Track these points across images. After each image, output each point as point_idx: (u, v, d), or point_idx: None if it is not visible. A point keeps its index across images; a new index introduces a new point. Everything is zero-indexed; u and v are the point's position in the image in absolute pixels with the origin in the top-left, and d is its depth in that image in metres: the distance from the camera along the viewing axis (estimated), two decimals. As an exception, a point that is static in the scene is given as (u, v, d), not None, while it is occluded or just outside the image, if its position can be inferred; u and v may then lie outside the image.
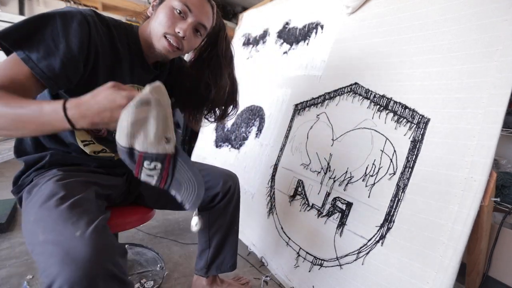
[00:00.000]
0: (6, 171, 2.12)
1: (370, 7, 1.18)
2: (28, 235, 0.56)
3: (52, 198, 0.58)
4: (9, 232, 1.33)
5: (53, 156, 0.73)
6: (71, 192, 0.62)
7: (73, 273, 0.45)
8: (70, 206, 0.56)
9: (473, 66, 0.81)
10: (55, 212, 0.55)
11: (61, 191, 0.61)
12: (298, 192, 1.21)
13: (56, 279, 0.45)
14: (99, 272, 0.47)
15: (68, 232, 0.50)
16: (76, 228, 0.50)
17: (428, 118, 0.87)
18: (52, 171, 0.71)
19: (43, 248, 0.50)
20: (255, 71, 1.77)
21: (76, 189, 0.65)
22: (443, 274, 0.72)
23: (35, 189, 0.66)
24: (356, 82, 1.12)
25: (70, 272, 0.45)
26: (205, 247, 1.00)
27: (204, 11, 0.75)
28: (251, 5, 2.30)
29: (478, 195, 0.71)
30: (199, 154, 2.05)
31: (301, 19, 1.55)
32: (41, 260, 0.50)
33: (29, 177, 0.73)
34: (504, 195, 1.18)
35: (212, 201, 0.93)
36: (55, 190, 0.61)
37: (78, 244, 0.48)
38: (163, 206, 0.96)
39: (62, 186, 0.63)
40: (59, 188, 0.61)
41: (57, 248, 0.48)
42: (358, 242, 0.93)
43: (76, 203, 0.58)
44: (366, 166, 0.98)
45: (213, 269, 1.01)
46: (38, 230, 0.53)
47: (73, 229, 0.50)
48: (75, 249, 0.47)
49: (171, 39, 0.72)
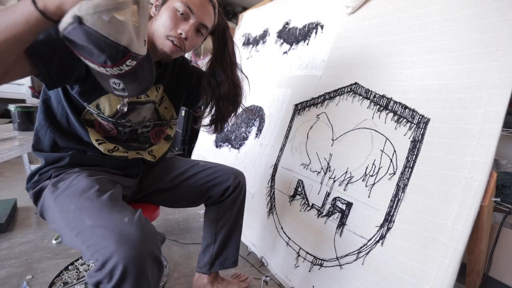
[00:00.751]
0: (6, 171, 2.12)
1: (370, 7, 1.18)
2: (70, 222, 0.61)
3: (90, 190, 0.64)
4: (8, 232, 1.33)
5: (73, 158, 0.77)
6: (105, 186, 0.68)
7: (128, 251, 0.51)
8: (110, 197, 0.62)
9: (473, 66, 0.81)
10: (98, 202, 0.60)
11: (96, 184, 0.66)
12: (298, 192, 1.21)
13: (112, 256, 0.51)
14: (148, 254, 0.53)
15: (117, 218, 0.56)
16: (123, 215, 0.57)
17: (428, 118, 0.87)
18: (75, 169, 0.75)
19: (92, 231, 0.56)
20: (255, 71, 1.77)
21: (107, 184, 0.70)
22: (443, 274, 0.72)
23: (61, 183, 0.70)
24: (356, 82, 1.12)
25: (125, 250, 0.51)
26: (210, 241, 1.02)
27: (205, 12, 0.76)
28: (251, 5, 2.29)
29: (478, 195, 0.71)
30: (199, 154, 2.05)
31: (301, 19, 1.55)
32: (92, 242, 0.55)
33: (47, 173, 0.76)
34: (504, 195, 1.18)
35: (223, 195, 0.97)
36: (90, 184, 0.66)
37: (130, 228, 0.54)
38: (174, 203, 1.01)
39: (95, 180, 0.68)
40: (93, 182, 0.67)
41: (109, 231, 0.53)
42: (358, 242, 0.93)
43: (113, 196, 0.64)
44: (366, 166, 0.98)
45: (217, 265, 1.03)
46: (83, 217, 0.58)
47: (121, 216, 0.56)
48: (128, 232, 0.53)
49: (174, 40, 0.74)
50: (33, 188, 0.77)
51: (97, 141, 0.80)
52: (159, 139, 0.96)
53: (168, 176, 0.96)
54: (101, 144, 0.80)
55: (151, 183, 0.95)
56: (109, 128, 0.81)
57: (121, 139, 0.84)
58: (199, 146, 2.10)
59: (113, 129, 0.81)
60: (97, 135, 0.80)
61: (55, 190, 0.69)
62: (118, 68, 0.54)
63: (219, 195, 0.97)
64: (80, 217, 0.59)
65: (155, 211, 0.94)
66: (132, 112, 0.81)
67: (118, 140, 0.84)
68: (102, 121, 0.78)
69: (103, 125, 0.79)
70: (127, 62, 0.53)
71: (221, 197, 0.98)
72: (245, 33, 2.05)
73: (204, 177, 0.96)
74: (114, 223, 0.55)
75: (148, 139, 0.91)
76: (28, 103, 2.80)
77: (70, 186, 0.68)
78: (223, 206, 0.99)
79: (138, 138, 0.88)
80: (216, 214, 1.00)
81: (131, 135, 0.86)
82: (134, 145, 0.88)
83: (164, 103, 0.92)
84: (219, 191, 0.96)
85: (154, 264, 0.55)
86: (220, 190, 0.96)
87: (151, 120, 0.90)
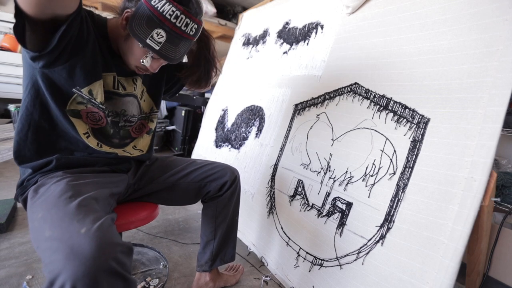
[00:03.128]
0: (6, 171, 2.12)
1: (370, 7, 1.18)
2: (34, 232, 0.58)
3: (61, 197, 0.61)
4: (8, 232, 1.33)
5: (59, 160, 0.75)
6: (79, 192, 0.64)
7: (76, 268, 0.46)
8: (77, 204, 0.59)
9: (473, 66, 0.81)
10: (63, 210, 0.57)
11: (69, 190, 0.63)
12: (298, 192, 1.21)
13: (60, 274, 0.46)
14: (102, 269, 0.48)
15: (74, 229, 0.52)
16: (82, 225, 0.52)
17: (428, 118, 0.87)
18: (58, 173, 0.73)
19: (48, 244, 0.52)
20: (255, 71, 1.77)
21: (84, 188, 0.67)
22: (443, 274, 0.72)
23: (41, 189, 0.68)
24: (356, 82, 1.12)
25: (73, 267, 0.46)
26: (210, 238, 1.04)
27: None
28: (251, 5, 2.30)
29: (478, 195, 0.71)
30: (199, 154, 2.05)
31: (301, 19, 1.55)
32: (46, 255, 0.51)
33: (34, 179, 0.74)
34: (504, 195, 1.18)
35: (220, 190, 0.99)
36: (64, 189, 0.63)
37: (83, 241, 0.49)
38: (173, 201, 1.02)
39: (71, 185, 0.65)
40: (68, 188, 0.64)
41: (62, 244, 0.50)
42: (358, 242, 0.93)
43: (83, 202, 0.60)
44: (366, 166, 0.98)
45: (218, 261, 1.05)
46: (45, 226, 0.55)
47: (79, 226, 0.52)
48: (79, 245, 0.49)
49: (141, 70, 0.77)
50: (21, 195, 0.76)
51: (85, 135, 0.77)
52: (140, 133, 0.94)
53: (165, 175, 0.97)
54: (89, 138, 0.78)
55: (149, 183, 0.95)
56: (99, 117, 0.78)
57: (108, 132, 0.82)
58: (199, 146, 2.10)
59: (102, 117, 0.79)
60: (84, 127, 0.77)
61: (34, 195, 0.67)
62: (185, 24, 0.69)
63: (216, 190, 0.98)
64: (42, 227, 0.56)
65: (154, 210, 0.94)
66: (108, 100, 0.80)
67: (103, 134, 0.81)
68: (93, 107, 0.76)
69: (93, 114, 0.77)
70: (193, 28, 0.70)
71: (218, 192, 0.99)
72: (245, 33, 2.05)
73: (202, 173, 0.98)
74: (69, 235, 0.51)
75: (128, 133, 0.89)
76: (28, 103, 2.79)
77: (46, 192, 0.65)
78: (221, 202, 1.01)
79: (119, 132, 0.86)
80: (215, 210, 1.01)
81: (113, 126, 0.83)
82: (115, 141, 0.86)
83: (144, 96, 0.92)
84: (217, 186, 0.98)
85: (114, 279, 0.50)
86: (218, 185, 0.98)
87: (135, 116, 0.89)
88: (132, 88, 0.85)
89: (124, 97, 0.83)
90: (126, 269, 0.53)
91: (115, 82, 0.80)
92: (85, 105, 0.75)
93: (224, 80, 2.09)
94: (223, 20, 3.56)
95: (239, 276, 1.18)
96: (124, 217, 0.85)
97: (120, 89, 0.82)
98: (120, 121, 0.85)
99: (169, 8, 0.67)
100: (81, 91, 0.72)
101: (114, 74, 0.79)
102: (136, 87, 0.86)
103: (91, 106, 0.75)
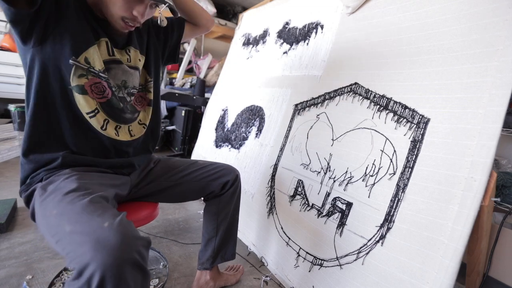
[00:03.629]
0: (6, 171, 2.12)
1: (370, 7, 1.18)
2: (51, 228, 0.59)
3: (75, 193, 0.62)
4: (8, 232, 1.33)
5: (65, 158, 0.75)
6: (91, 189, 0.66)
7: (105, 259, 0.49)
8: (92, 201, 0.60)
9: (473, 66, 0.81)
10: (79, 205, 0.58)
11: (82, 187, 0.65)
12: (298, 192, 1.21)
13: (89, 264, 0.49)
14: (127, 260, 0.51)
15: (96, 223, 0.54)
16: (103, 219, 0.54)
17: (428, 118, 0.87)
18: (66, 170, 0.73)
19: (71, 238, 0.54)
20: (255, 71, 1.77)
21: (95, 186, 0.68)
22: (443, 274, 0.72)
23: (50, 186, 0.68)
24: (356, 82, 1.12)
25: (102, 258, 0.49)
26: (212, 234, 1.05)
27: None
28: (251, 5, 2.30)
29: (478, 195, 0.71)
30: (199, 154, 2.05)
31: (301, 19, 1.55)
32: (70, 249, 0.53)
33: (39, 176, 0.74)
34: (504, 195, 1.18)
35: (223, 189, 1.01)
36: (76, 187, 0.64)
37: (108, 233, 0.51)
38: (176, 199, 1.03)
39: (82, 183, 0.67)
40: (79, 185, 0.65)
41: (87, 237, 0.51)
42: (358, 242, 0.93)
43: (97, 199, 0.62)
44: (366, 166, 0.98)
45: (219, 258, 1.06)
46: (63, 222, 0.57)
47: (101, 220, 0.54)
48: (106, 237, 0.51)
49: (128, 22, 0.74)
50: (25, 191, 0.75)
51: (88, 114, 0.76)
52: (142, 105, 0.92)
53: (167, 174, 0.98)
54: (92, 118, 0.76)
55: (151, 182, 0.95)
56: (102, 88, 0.77)
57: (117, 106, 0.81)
58: (199, 146, 2.10)
59: (106, 88, 0.78)
60: (92, 103, 0.76)
61: (43, 193, 0.67)
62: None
63: (219, 189, 1.00)
64: (60, 223, 0.57)
65: (154, 210, 0.95)
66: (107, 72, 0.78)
67: (113, 108, 0.80)
68: (94, 77, 0.75)
69: (96, 85, 0.76)
70: None
71: (221, 191, 1.01)
72: (245, 33, 2.05)
73: (204, 172, 1.00)
74: (93, 229, 0.53)
75: (134, 108, 0.88)
76: (28, 103, 2.79)
77: (56, 189, 0.66)
78: (223, 199, 1.02)
79: (127, 107, 0.85)
80: (217, 208, 1.03)
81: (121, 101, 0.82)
82: (128, 115, 0.85)
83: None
84: (219, 184, 1.00)
85: (136, 271, 0.53)
86: (220, 184, 1.00)
87: (136, 87, 0.88)
88: (125, 58, 0.83)
89: (121, 65, 0.82)
90: (146, 262, 0.56)
91: (109, 48, 0.79)
92: (86, 77, 0.74)
93: (224, 80, 2.09)
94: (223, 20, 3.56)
95: (239, 275, 1.18)
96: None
97: (116, 55, 0.80)
98: (124, 94, 0.84)
99: None
100: (77, 61, 0.72)
101: (106, 40, 0.78)
102: (130, 58, 0.85)
103: (92, 76, 0.75)
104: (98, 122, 0.78)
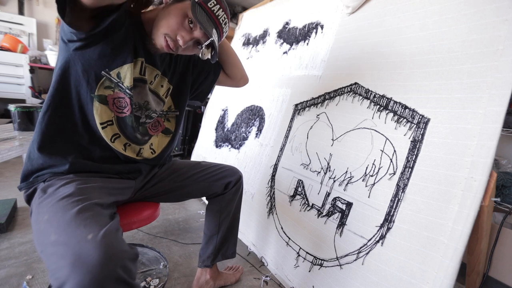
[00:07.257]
0: (6, 171, 2.12)
1: (370, 7, 1.18)
2: (39, 234, 0.57)
3: (68, 200, 0.60)
4: (8, 232, 1.33)
5: (72, 165, 0.74)
6: (87, 196, 0.64)
7: (83, 276, 0.46)
8: (84, 208, 0.58)
9: (473, 66, 0.81)
10: (69, 214, 0.56)
11: (77, 193, 0.63)
12: (298, 192, 1.21)
13: (66, 282, 0.46)
14: (108, 277, 0.48)
15: (80, 234, 0.51)
16: (89, 231, 0.51)
17: (428, 118, 0.87)
18: (70, 175, 0.73)
19: (54, 248, 0.51)
20: (255, 71, 1.77)
21: (93, 193, 0.67)
22: (443, 274, 0.72)
23: (50, 189, 0.67)
24: (356, 82, 1.12)
25: (80, 275, 0.46)
26: (214, 232, 1.06)
27: None
28: (251, 5, 2.30)
29: (478, 195, 0.71)
30: (199, 154, 2.05)
31: (301, 19, 1.55)
32: (52, 260, 0.50)
33: (43, 176, 0.73)
34: (504, 195, 1.18)
35: (226, 188, 1.04)
36: (72, 193, 0.63)
37: (89, 248, 0.48)
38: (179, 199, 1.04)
39: (79, 189, 0.65)
40: (76, 191, 0.64)
41: (68, 249, 0.49)
42: (358, 242, 0.93)
43: (90, 207, 0.60)
44: (366, 166, 0.98)
45: (219, 256, 1.08)
46: (51, 230, 0.54)
47: (86, 231, 0.51)
48: (86, 252, 0.48)
49: (169, 40, 0.73)
50: (27, 188, 0.75)
51: (101, 125, 0.76)
52: (156, 131, 0.93)
53: (172, 176, 0.98)
54: (104, 129, 0.77)
55: (155, 185, 0.95)
56: (124, 104, 0.77)
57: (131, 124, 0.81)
58: (199, 146, 2.10)
59: (128, 104, 0.78)
60: (109, 114, 0.76)
61: (42, 194, 0.66)
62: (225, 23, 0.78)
63: (222, 188, 1.03)
64: (48, 230, 0.55)
65: (155, 210, 0.95)
66: (134, 88, 0.78)
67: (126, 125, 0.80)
68: (120, 92, 0.75)
69: (119, 100, 0.76)
70: (225, 29, 0.79)
71: (224, 190, 1.04)
72: (245, 33, 2.05)
73: (208, 173, 1.02)
74: (76, 241, 0.50)
75: (146, 131, 0.88)
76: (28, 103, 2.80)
77: (54, 193, 0.64)
78: (225, 198, 1.04)
79: (138, 128, 0.85)
80: (220, 206, 1.05)
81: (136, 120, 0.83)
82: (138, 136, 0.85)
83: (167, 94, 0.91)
84: (222, 184, 1.02)
85: (120, 287, 0.50)
86: (223, 184, 1.02)
87: (156, 112, 0.88)
88: (151, 81, 0.84)
89: (146, 85, 0.82)
90: (132, 276, 0.53)
91: (142, 68, 0.80)
92: (112, 90, 0.75)
93: (224, 80, 2.09)
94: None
95: (239, 275, 1.19)
96: (126, 217, 0.85)
97: (147, 75, 0.81)
98: (142, 116, 0.84)
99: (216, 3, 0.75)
100: (109, 74, 0.72)
101: (142, 60, 0.79)
102: (153, 81, 0.85)
103: (118, 90, 0.75)
104: (107, 134, 0.78)
